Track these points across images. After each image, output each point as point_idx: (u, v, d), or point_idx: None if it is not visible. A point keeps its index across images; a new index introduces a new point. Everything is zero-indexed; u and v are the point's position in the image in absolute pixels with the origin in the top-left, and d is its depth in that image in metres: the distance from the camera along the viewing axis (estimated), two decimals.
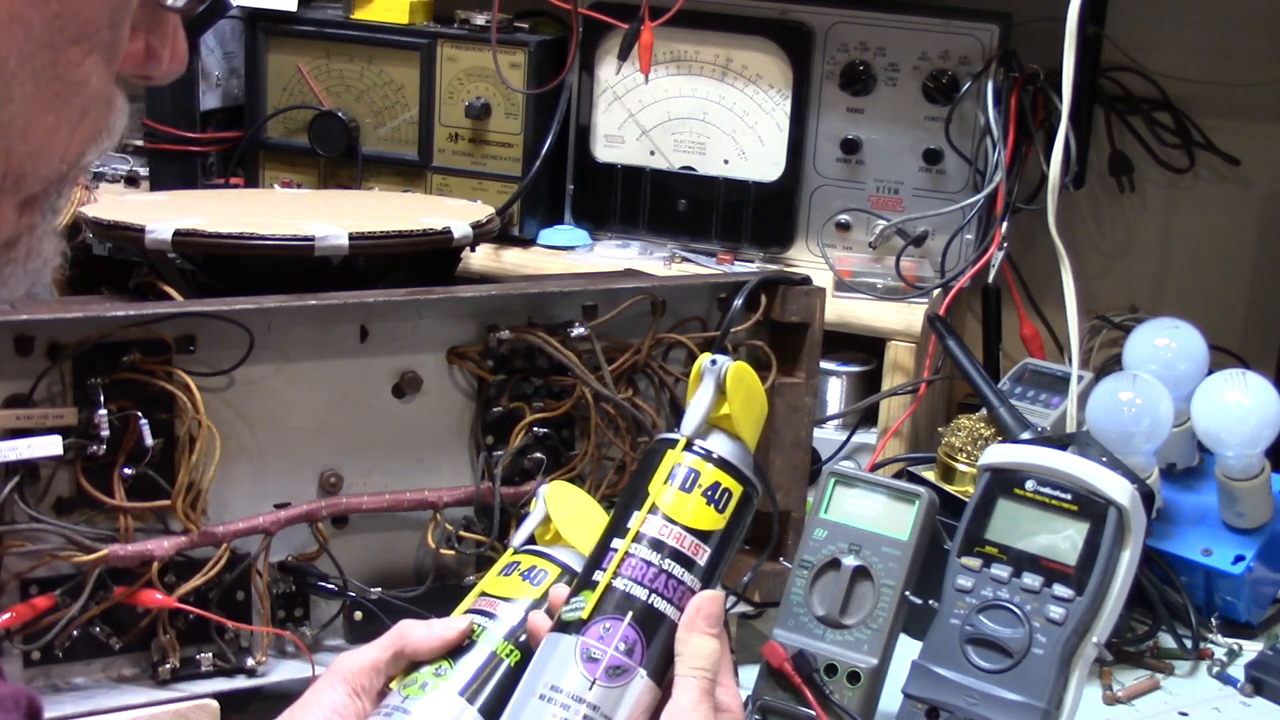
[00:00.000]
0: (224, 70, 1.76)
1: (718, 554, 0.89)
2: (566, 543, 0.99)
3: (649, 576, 0.86)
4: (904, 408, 1.58)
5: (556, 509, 1.00)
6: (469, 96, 1.69)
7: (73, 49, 0.65)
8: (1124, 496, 1.11)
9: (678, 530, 0.87)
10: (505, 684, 0.90)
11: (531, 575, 0.96)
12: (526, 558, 0.99)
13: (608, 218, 1.73)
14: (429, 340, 1.25)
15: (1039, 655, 1.10)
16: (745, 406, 0.92)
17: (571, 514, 1.00)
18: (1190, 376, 1.45)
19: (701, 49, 1.68)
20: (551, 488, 1.01)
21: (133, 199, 1.64)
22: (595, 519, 0.99)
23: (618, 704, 0.84)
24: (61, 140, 0.67)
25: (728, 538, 0.89)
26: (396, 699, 0.92)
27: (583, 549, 0.95)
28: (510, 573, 0.98)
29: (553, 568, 0.97)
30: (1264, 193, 1.78)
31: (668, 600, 0.86)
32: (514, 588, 0.96)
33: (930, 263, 1.65)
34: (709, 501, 0.88)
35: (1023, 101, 1.61)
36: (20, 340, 1.11)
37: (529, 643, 0.91)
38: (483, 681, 0.92)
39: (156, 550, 1.14)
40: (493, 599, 0.96)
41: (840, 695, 1.12)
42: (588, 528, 0.98)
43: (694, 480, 0.89)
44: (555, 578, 0.96)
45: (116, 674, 1.18)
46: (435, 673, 0.92)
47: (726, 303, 1.30)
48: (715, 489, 0.89)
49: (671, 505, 0.88)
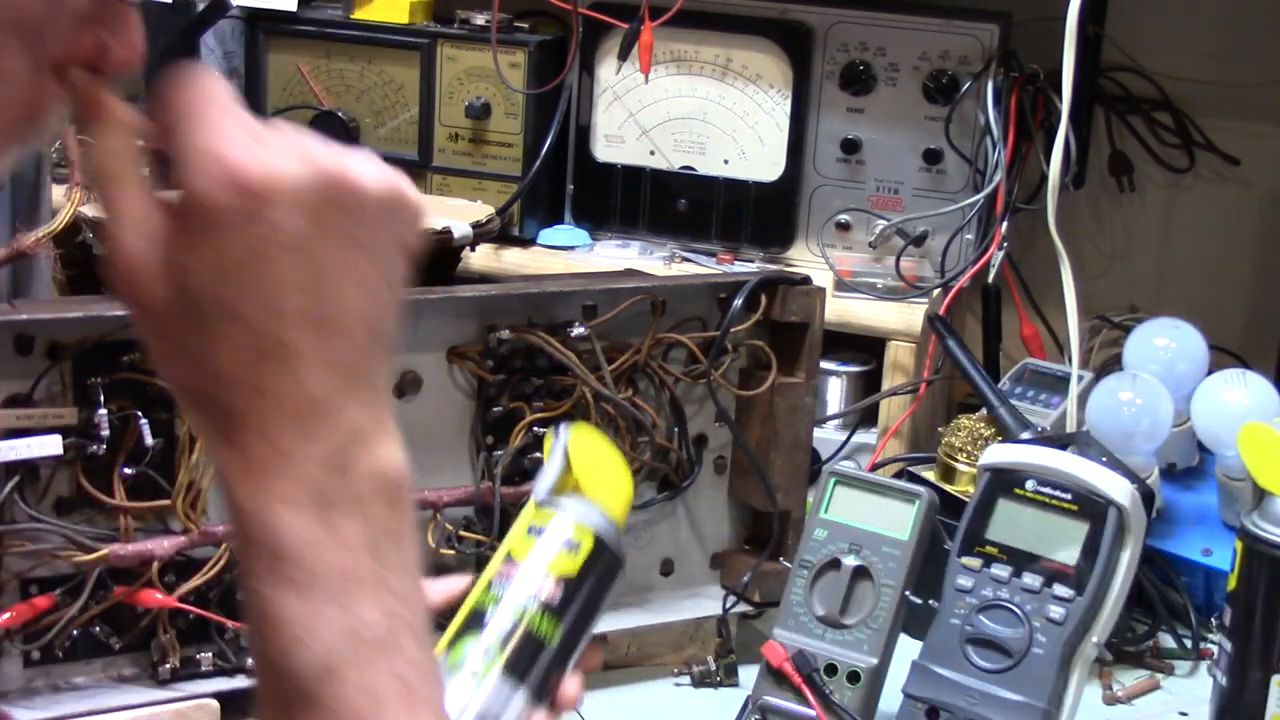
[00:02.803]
0: (224, 70, 1.76)
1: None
2: (590, 496, 0.98)
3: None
4: (904, 408, 1.58)
5: (579, 457, 0.98)
6: (469, 96, 1.69)
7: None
8: (1124, 496, 1.11)
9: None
10: (541, 663, 0.92)
11: (567, 544, 0.95)
12: (558, 520, 0.96)
13: (608, 218, 1.73)
14: (429, 340, 1.25)
15: (1039, 655, 1.10)
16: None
17: (593, 463, 0.99)
18: (1190, 376, 1.45)
19: (701, 49, 1.68)
20: (574, 434, 1.00)
21: None
22: (616, 469, 1.00)
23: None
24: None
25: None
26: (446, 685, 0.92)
27: (606, 504, 0.97)
28: (544, 536, 0.96)
29: (587, 537, 0.95)
30: (1264, 193, 1.78)
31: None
32: (548, 557, 0.94)
33: (930, 263, 1.65)
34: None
35: (1023, 101, 1.61)
36: (20, 340, 1.11)
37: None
38: (528, 665, 0.92)
39: (156, 550, 1.14)
40: (524, 568, 0.94)
41: (840, 695, 1.12)
42: (610, 479, 0.99)
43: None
44: (589, 548, 0.95)
45: (116, 674, 1.18)
46: (484, 656, 0.91)
47: (726, 303, 1.30)
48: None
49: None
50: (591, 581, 0.94)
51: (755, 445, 1.33)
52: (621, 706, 1.26)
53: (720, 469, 1.36)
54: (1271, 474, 1.19)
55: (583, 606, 0.94)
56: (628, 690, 1.29)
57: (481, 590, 0.93)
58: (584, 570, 0.94)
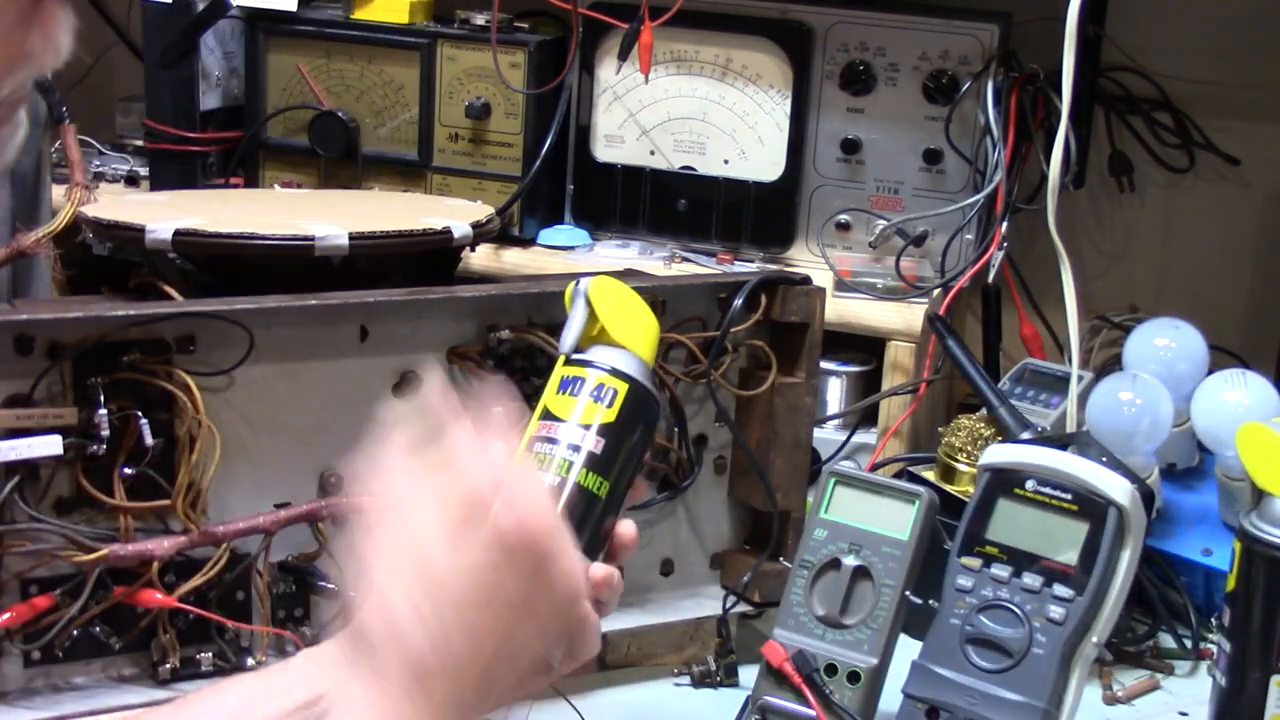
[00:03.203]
0: (224, 70, 1.76)
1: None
2: (617, 342, 0.98)
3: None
4: (904, 408, 1.58)
5: (603, 308, 0.99)
6: (469, 96, 1.69)
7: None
8: (1124, 496, 1.11)
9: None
10: (593, 515, 0.95)
11: (600, 395, 0.96)
12: (590, 373, 0.97)
13: (608, 218, 1.73)
14: (429, 340, 1.24)
15: (1039, 655, 1.10)
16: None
17: (619, 310, 1.00)
18: (1190, 376, 1.45)
19: (701, 49, 1.68)
20: (595, 284, 1.00)
21: (133, 199, 1.64)
22: (641, 314, 1.01)
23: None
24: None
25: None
26: None
27: (636, 348, 0.98)
28: (577, 393, 0.97)
29: (620, 384, 0.97)
30: (1264, 193, 1.78)
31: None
32: (587, 411, 0.96)
33: (930, 263, 1.65)
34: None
35: (1023, 101, 1.61)
36: (20, 340, 1.11)
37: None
38: (587, 525, 0.94)
39: (156, 550, 1.14)
40: (567, 425, 0.95)
41: (840, 695, 1.12)
42: (634, 322, 1.00)
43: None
44: (623, 394, 0.96)
45: (116, 674, 1.18)
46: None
47: (726, 303, 1.30)
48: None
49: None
50: (631, 427, 0.96)
51: (755, 445, 1.33)
52: (621, 706, 1.26)
53: (720, 469, 1.36)
54: (1271, 474, 1.19)
55: (626, 453, 0.96)
56: (628, 690, 1.29)
57: (522, 452, 0.95)
58: (622, 418, 0.96)
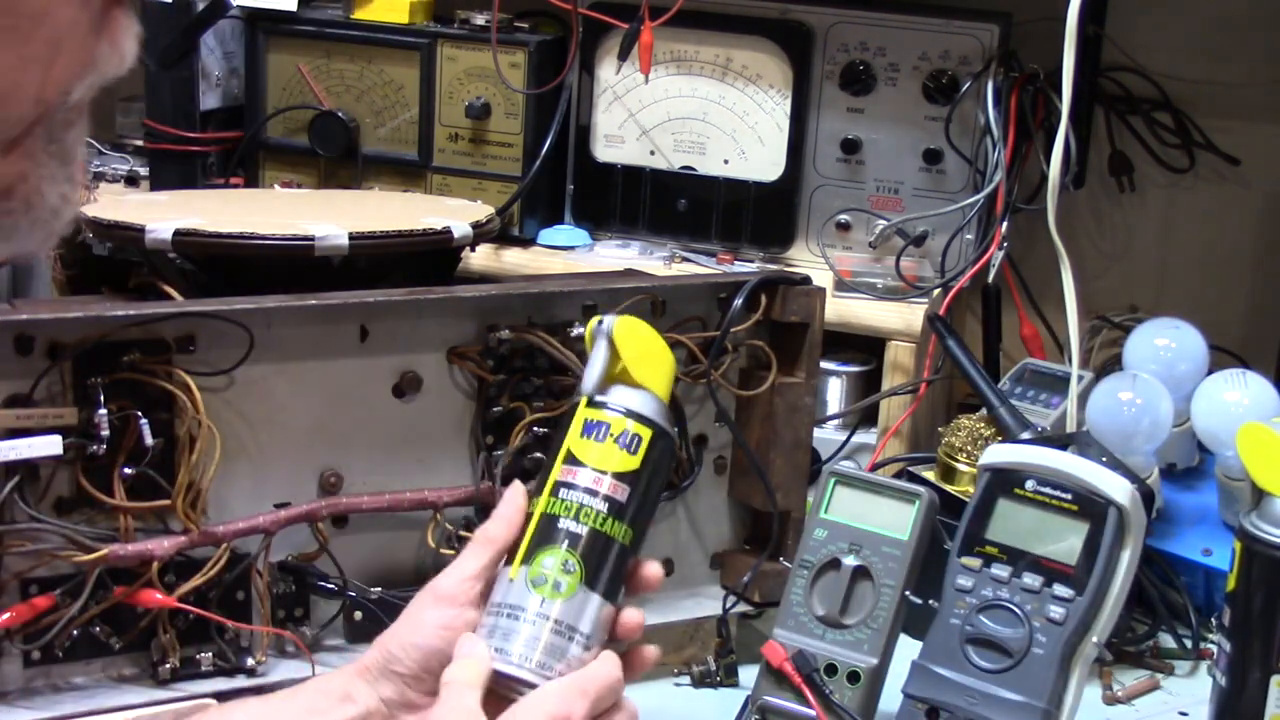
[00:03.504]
0: (224, 70, 1.76)
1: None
2: (639, 383, 0.99)
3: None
4: (904, 408, 1.58)
5: (626, 349, 0.99)
6: (469, 96, 1.69)
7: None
8: (1124, 496, 1.11)
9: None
10: (619, 563, 0.96)
11: (625, 441, 0.97)
12: (615, 419, 0.97)
13: (608, 218, 1.73)
14: (429, 340, 1.25)
15: (1039, 655, 1.10)
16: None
17: (641, 350, 1.00)
18: (1190, 376, 1.45)
19: (701, 49, 1.68)
20: (619, 326, 0.99)
21: (133, 199, 1.64)
22: (660, 353, 1.01)
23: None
24: (32, 79, 0.61)
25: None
26: (531, 599, 0.94)
27: (657, 389, 0.99)
28: (603, 438, 0.97)
29: (645, 431, 0.97)
30: (1264, 193, 1.78)
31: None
32: (612, 458, 0.96)
33: (930, 263, 1.65)
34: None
35: (1023, 101, 1.61)
36: (20, 340, 1.11)
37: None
38: (608, 570, 0.96)
39: (156, 550, 1.14)
40: (592, 471, 0.96)
41: (840, 695, 1.12)
42: (658, 364, 1.00)
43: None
44: (647, 440, 0.97)
45: (116, 674, 1.18)
46: (564, 569, 0.94)
47: (726, 303, 1.30)
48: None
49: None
50: (653, 471, 0.97)
51: (755, 445, 1.33)
52: None
53: (720, 469, 1.36)
54: (1271, 474, 1.19)
55: (647, 497, 0.97)
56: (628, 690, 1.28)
57: (547, 497, 0.96)
58: (646, 464, 0.97)
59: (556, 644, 0.93)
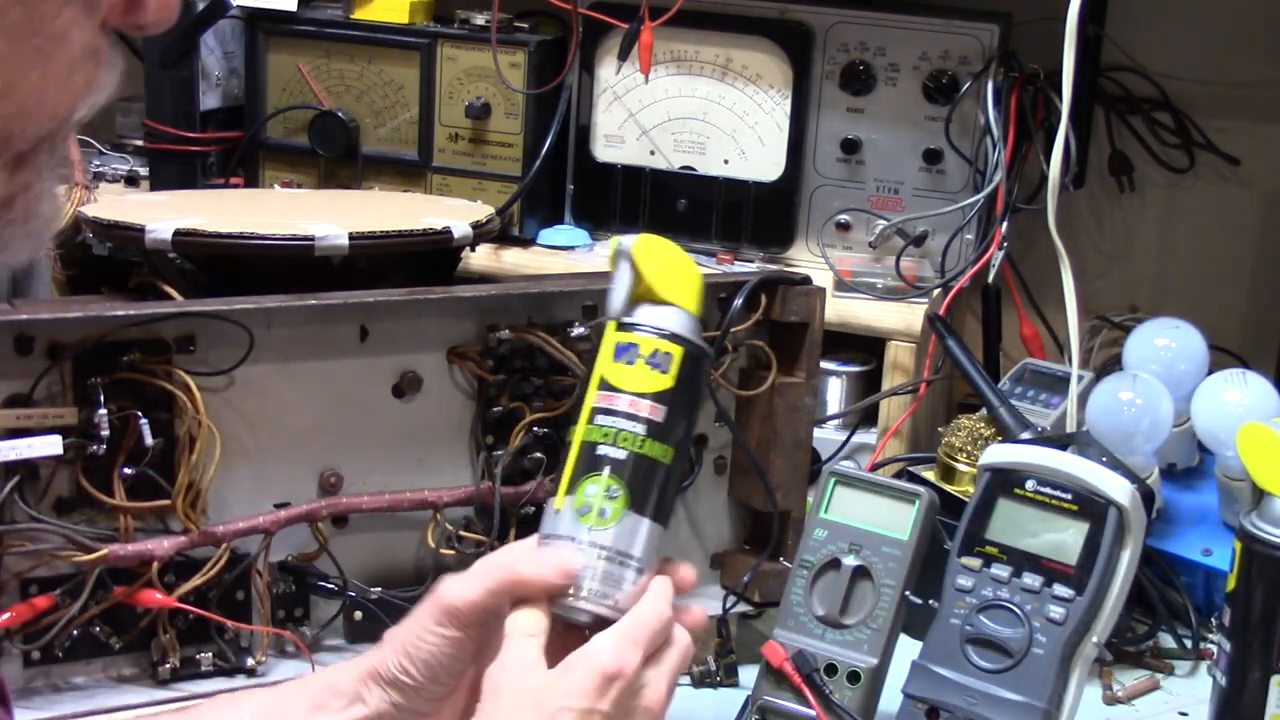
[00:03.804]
0: (224, 70, 1.76)
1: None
2: (665, 299, 0.98)
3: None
4: (904, 408, 1.58)
5: (648, 266, 0.98)
6: (469, 96, 1.69)
7: (47, 3, 0.63)
8: (1124, 496, 1.11)
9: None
10: (663, 484, 0.96)
11: (656, 361, 0.96)
12: (643, 339, 0.97)
13: (608, 218, 1.73)
14: (429, 340, 1.25)
15: (1039, 655, 1.10)
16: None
17: (664, 267, 0.99)
18: (1190, 376, 1.45)
19: (701, 49, 1.68)
20: (638, 243, 0.99)
21: (133, 199, 1.64)
22: (685, 267, 1.00)
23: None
24: (50, 98, 0.65)
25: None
26: (579, 529, 0.93)
27: (685, 304, 0.98)
28: (633, 360, 0.97)
29: (675, 348, 0.97)
30: (1264, 193, 1.78)
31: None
32: (645, 379, 0.96)
33: (930, 263, 1.65)
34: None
35: (1023, 101, 1.61)
36: (20, 340, 1.11)
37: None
38: (653, 493, 0.95)
39: (156, 550, 1.14)
40: (626, 395, 0.96)
41: (840, 695, 1.12)
42: (683, 278, 0.99)
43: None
44: (679, 358, 0.97)
45: (116, 674, 1.18)
46: (608, 495, 0.94)
47: (726, 303, 1.30)
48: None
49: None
50: (687, 387, 0.97)
51: (755, 445, 1.33)
52: None
53: (720, 469, 1.36)
54: (1271, 474, 1.19)
55: (683, 414, 0.97)
56: None
57: (585, 423, 0.96)
58: (680, 381, 0.96)
59: (610, 571, 0.93)
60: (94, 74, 0.67)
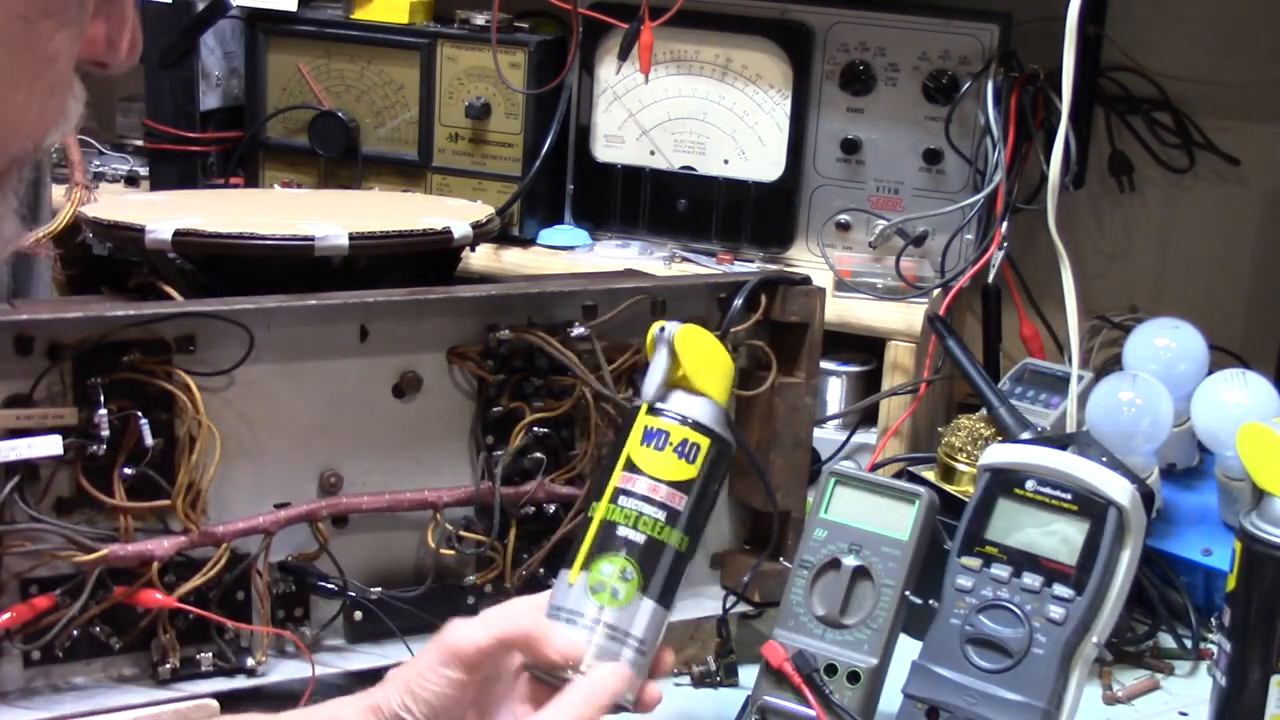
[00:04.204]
0: (224, 70, 1.76)
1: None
2: (699, 390, 1.00)
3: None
4: (904, 408, 1.58)
5: (688, 356, 1.00)
6: (469, 96, 1.70)
7: (45, 22, 0.63)
8: (1124, 496, 1.11)
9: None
10: (676, 571, 0.98)
11: (684, 451, 0.99)
12: (674, 427, 0.99)
13: (608, 218, 1.73)
14: (429, 340, 1.25)
15: (1039, 655, 1.10)
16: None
17: (702, 358, 1.01)
18: (1190, 376, 1.45)
19: (701, 49, 1.68)
20: (682, 333, 1.00)
21: (133, 199, 1.64)
22: (720, 359, 1.02)
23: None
24: (30, 118, 0.65)
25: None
26: (584, 604, 0.96)
27: (717, 395, 1.01)
28: (663, 447, 0.99)
29: (704, 440, 0.99)
30: (1264, 193, 1.78)
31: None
32: (671, 467, 0.98)
33: (930, 263, 1.65)
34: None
35: (1023, 101, 1.61)
36: (20, 340, 1.11)
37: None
38: (663, 577, 0.98)
39: (156, 550, 1.14)
40: (650, 480, 0.98)
41: (840, 695, 1.12)
42: (717, 370, 1.01)
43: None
44: (706, 450, 0.99)
45: (116, 674, 1.18)
46: (622, 577, 0.97)
47: (726, 303, 1.30)
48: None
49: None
50: (709, 478, 1.00)
51: (755, 445, 1.33)
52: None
53: None
54: (1271, 474, 1.19)
55: (703, 504, 0.99)
56: None
57: (607, 502, 0.98)
58: (704, 473, 0.99)
59: (609, 648, 0.95)
60: (67, 102, 0.67)
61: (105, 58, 0.68)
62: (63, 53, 0.65)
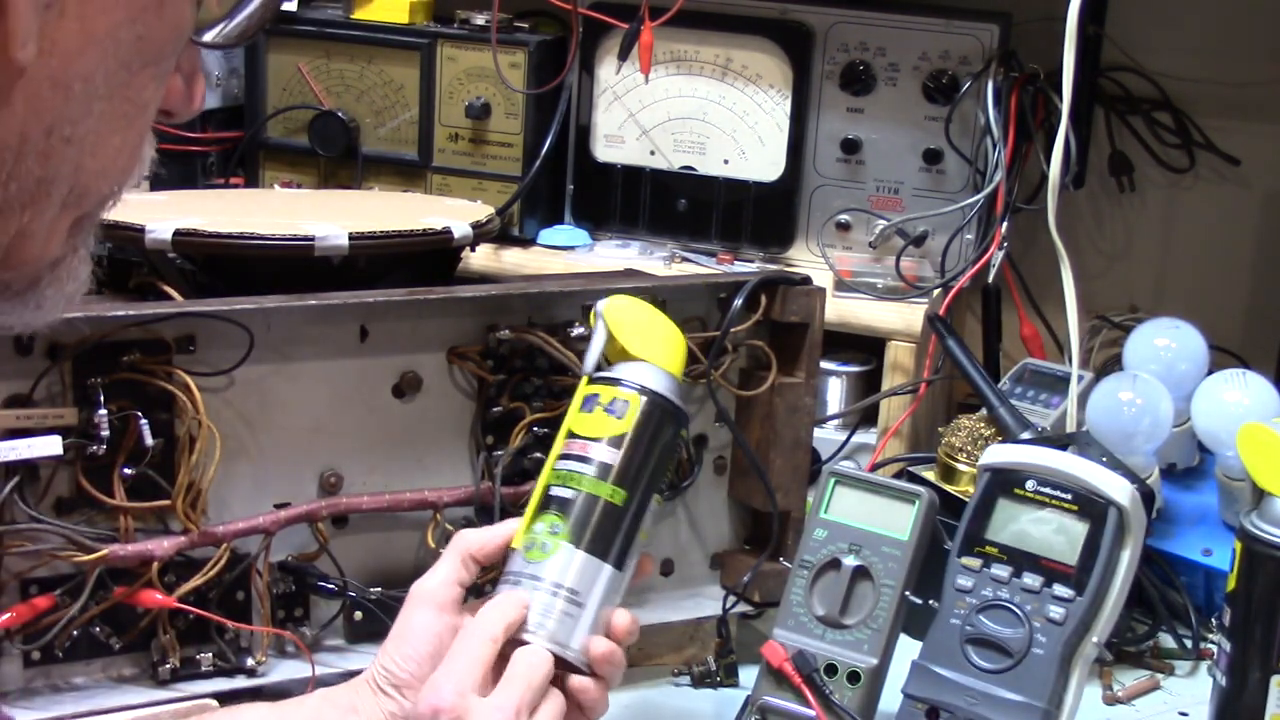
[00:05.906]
0: (224, 70, 1.76)
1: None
2: (635, 356, 1.04)
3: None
4: (904, 408, 1.58)
5: (619, 326, 1.04)
6: (469, 96, 1.69)
7: (144, 72, 0.65)
8: (1124, 496, 1.11)
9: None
10: (609, 523, 1.00)
11: (614, 408, 1.02)
12: (605, 389, 1.03)
13: (608, 218, 1.73)
14: (429, 340, 1.25)
15: (1039, 655, 1.10)
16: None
17: (636, 327, 1.05)
18: (1190, 376, 1.45)
19: (701, 49, 1.68)
20: (609, 305, 1.05)
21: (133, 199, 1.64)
22: (662, 327, 1.06)
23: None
24: (121, 163, 0.67)
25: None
26: (521, 564, 1.00)
27: (656, 360, 1.04)
28: (592, 408, 1.02)
29: (633, 396, 1.02)
30: (1264, 193, 1.78)
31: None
32: (600, 424, 1.02)
33: (930, 263, 1.65)
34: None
35: (1023, 101, 1.61)
36: (20, 340, 1.11)
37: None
38: (592, 527, 1.00)
39: (156, 550, 1.14)
40: (582, 440, 1.02)
41: (840, 695, 1.12)
42: (657, 338, 1.05)
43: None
44: (637, 406, 1.02)
45: (116, 674, 1.18)
46: (550, 531, 1.00)
47: (726, 303, 1.30)
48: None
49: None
50: (647, 436, 1.02)
51: (755, 445, 1.33)
52: (622, 706, 1.26)
53: (720, 469, 1.36)
54: (1271, 474, 1.19)
55: (638, 457, 1.02)
56: (628, 690, 1.29)
57: (548, 471, 1.02)
58: (637, 428, 1.02)
59: (546, 602, 0.98)
60: (146, 149, 0.69)
61: (178, 107, 0.71)
62: (153, 101, 0.67)
